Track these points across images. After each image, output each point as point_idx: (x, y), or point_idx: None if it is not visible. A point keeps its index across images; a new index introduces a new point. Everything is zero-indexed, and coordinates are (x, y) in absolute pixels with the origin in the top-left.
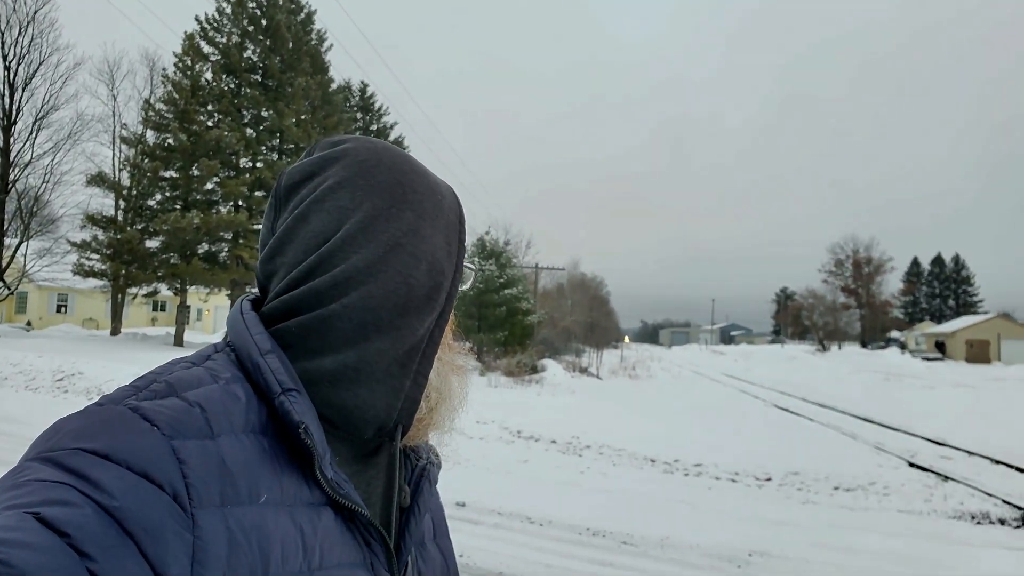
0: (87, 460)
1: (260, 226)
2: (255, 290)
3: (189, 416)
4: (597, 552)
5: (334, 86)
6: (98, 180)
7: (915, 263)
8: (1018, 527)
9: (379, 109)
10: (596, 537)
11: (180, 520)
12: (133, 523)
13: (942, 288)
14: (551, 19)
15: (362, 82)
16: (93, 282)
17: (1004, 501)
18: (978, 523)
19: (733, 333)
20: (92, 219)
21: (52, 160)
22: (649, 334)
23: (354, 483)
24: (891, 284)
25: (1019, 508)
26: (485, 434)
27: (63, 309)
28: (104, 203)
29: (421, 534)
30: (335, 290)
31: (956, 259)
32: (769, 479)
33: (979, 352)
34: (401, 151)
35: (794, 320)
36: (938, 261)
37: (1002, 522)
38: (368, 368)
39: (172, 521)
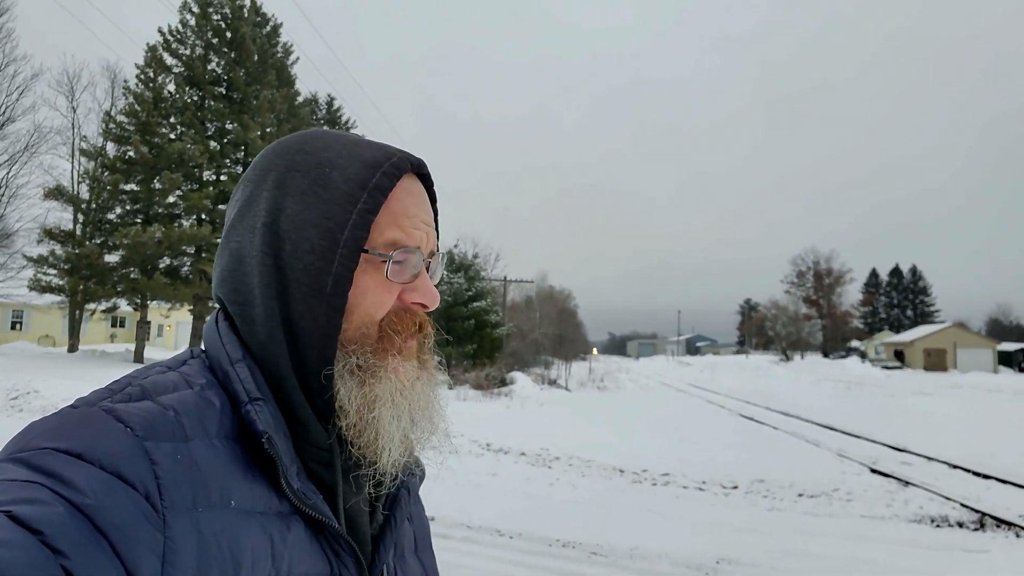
0: (59, 459)
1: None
2: None
3: (163, 419)
4: (567, 563)
5: (300, 99)
6: (56, 193)
7: (874, 274)
8: (976, 530)
9: (346, 123)
10: (566, 548)
11: (152, 520)
12: (105, 521)
13: (900, 298)
14: (511, 18)
15: (329, 95)
16: (50, 298)
17: (962, 504)
18: (938, 526)
19: (699, 344)
20: (49, 233)
21: (8, 173)
22: (617, 346)
23: (327, 494)
24: (851, 295)
25: (976, 511)
26: (454, 447)
27: (18, 326)
28: (62, 217)
29: (402, 546)
30: (224, 284)
31: (913, 270)
32: (736, 487)
33: (936, 360)
34: (319, 133)
35: (758, 331)
36: (896, 272)
37: (960, 525)
38: (278, 365)
39: (144, 520)
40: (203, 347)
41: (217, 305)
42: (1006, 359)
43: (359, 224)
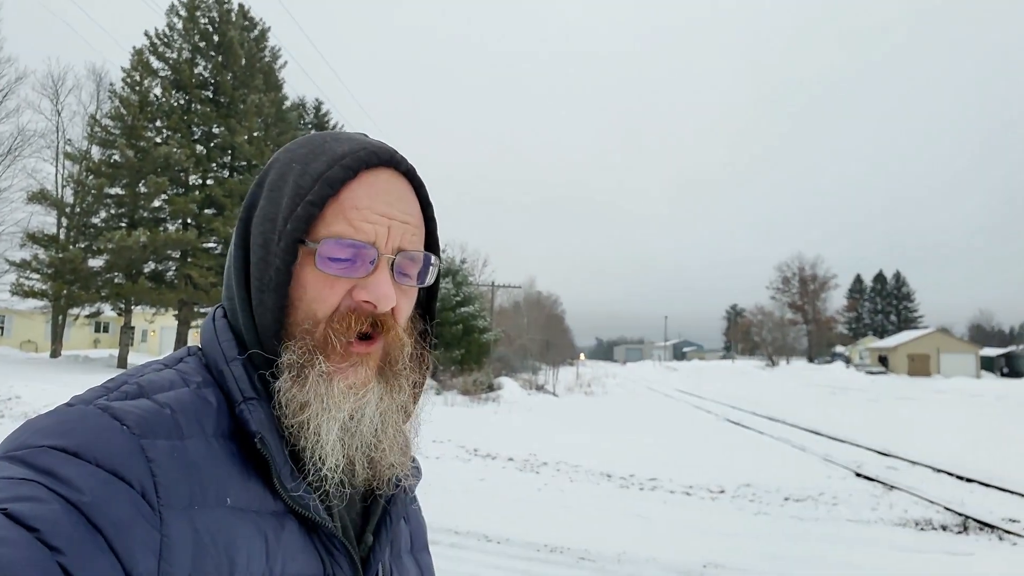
0: (55, 457)
1: (210, 244)
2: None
3: (159, 417)
4: (555, 569)
5: (288, 103)
6: (40, 197)
7: (858, 280)
8: (959, 533)
9: (334, 127)
10: (554, 554)
11: (148, 517)
12: (102, 518)
13: (884, 304)
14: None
15: (317, 99)
16: (33, 303)
17: (946, 508)
18: (922, 530)
19: (685, 349)
20: (33, 237)
21: None
22: (604, 351)
23: (321, 494)
24: (835, 300)
25: (959, 515)
26: (442, 453)
27: None
28: (46, 221)
29: (398, 546)
30: (224, 283)
31: (897, 276)
32: (722, 492)
33: (920, 366)
34: (317, 134)
35: (744, 336)
36: (880, 278)
37: (944, 528)
38: (255, 358)
39: (141, 518)
40: (199, 345)
41: (203, 310)
42: (988, 364)
43: (300, 216)
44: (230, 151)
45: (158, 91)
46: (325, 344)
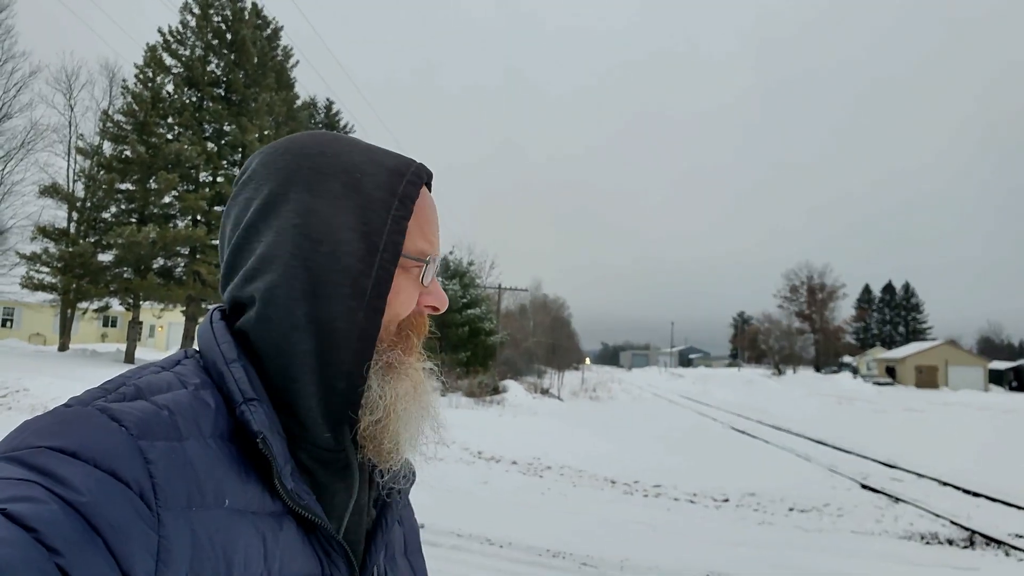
0: (53, 458)
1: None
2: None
3: (157, 418)
4: (557, 574)
5: (299, 102)
6: (51, 191)
7: (866, 290)
8: (965, 547)
9: (345, 126)
10: (556, 559)
11: (146, 519)
12: (100, 519)
13: (892, 315)
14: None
15: (328, 99)
16: (42, 296)
17: (952, 522)
18: (927, 543)
19: (692, 356)
20: (43, 231)
21: (3, 169)
22: (610, 356)
23: (320, 495)
24: (843, 310)
25: (965, 529)
26: (445, 455)
27: (8, 323)
28: (56, 215)
29: (393, 548)
30: (247, 285)
31: (906, 286)
32: (726, 500)
33: (927, 377)
34: (331, 136)
35: (751, 344)
36: (889, 288)
37: (950, 542)
38: (291, 366)
39: (138, 519)
40: (197, 347)
41: (210, 307)
42: (997, 377)
43: (395, 230)
44: (241, 149)
45: (170, 88)
46: (404, 343)
